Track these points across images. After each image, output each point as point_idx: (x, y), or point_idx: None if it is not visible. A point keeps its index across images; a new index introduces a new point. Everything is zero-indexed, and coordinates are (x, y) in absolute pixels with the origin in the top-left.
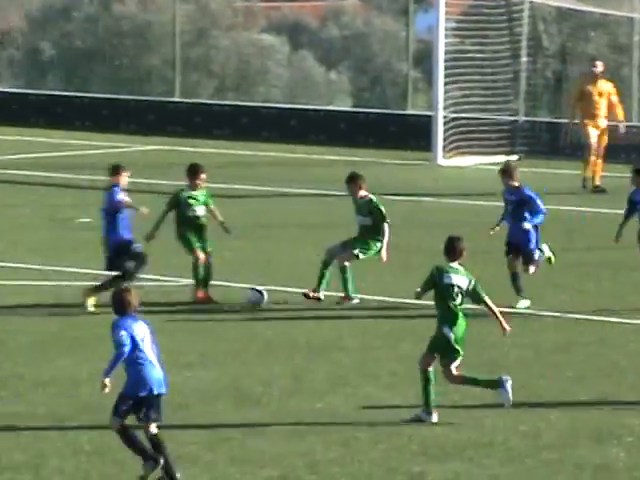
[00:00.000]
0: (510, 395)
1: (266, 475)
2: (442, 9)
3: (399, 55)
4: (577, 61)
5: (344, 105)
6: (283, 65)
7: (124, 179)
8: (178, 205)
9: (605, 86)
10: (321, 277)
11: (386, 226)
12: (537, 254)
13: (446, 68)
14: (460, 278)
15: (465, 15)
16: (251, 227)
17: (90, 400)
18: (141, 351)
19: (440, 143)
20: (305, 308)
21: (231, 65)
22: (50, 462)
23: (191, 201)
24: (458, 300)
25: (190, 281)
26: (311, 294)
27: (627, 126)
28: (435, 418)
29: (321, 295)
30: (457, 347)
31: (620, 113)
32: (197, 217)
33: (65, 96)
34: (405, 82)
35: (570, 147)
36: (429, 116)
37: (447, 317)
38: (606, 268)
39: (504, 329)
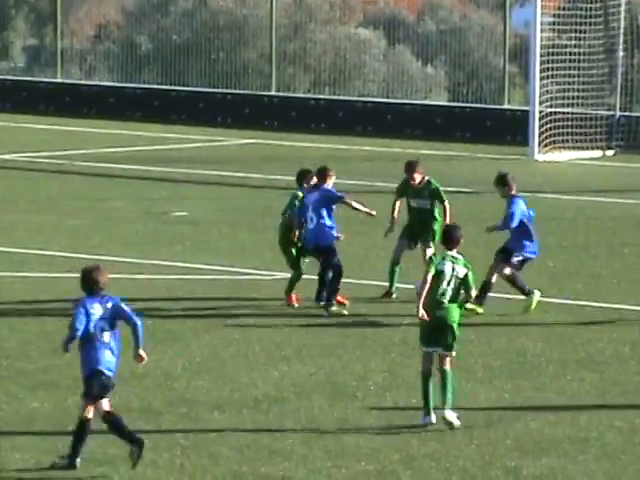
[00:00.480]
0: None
1: (362, 469)
2: (539, 3)
3: (496, 50)
4: None
5: (440, 100)
6: (379, 60)
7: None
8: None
9: None
10: (392, 275)
11: (447, 205)
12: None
13: (542, 63)
14: (458, 267)
15: (561, 9)
16: (347, 221)
17: (184, 393)
18: (95, 332)
19: (536, 138)
20: (402, 302)
21: (327, 59)
22: (145, 455)
23: None
24: (448, 287)
25: (283, 274)
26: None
27: None
28: (434, 419)
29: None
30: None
31: None
32: None
33: (161, 90)
34: (502, 77)
35: None
36: (525, 111)
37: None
38: None
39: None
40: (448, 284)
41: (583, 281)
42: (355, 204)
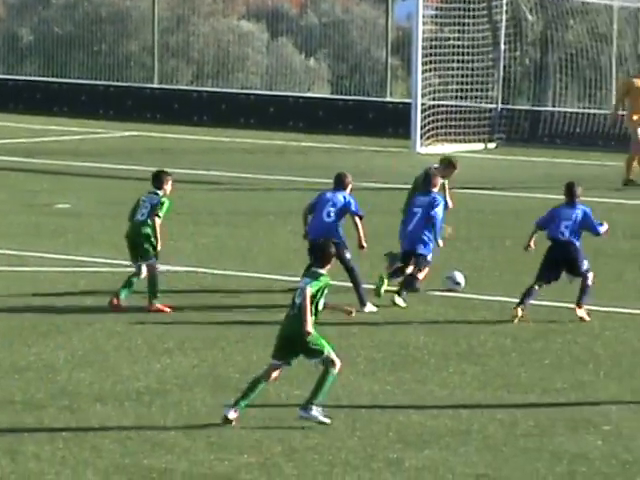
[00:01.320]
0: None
1: (244, 462)
2: None
3: (378, 43)
4: (556, 49)
5: (323, 92)
6: (262, 52)
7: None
8: None
9: None
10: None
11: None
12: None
13: (425, 56)
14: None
15: (444, 2)
16: (228, 214)
17: (66, 386)
18: None
19: (418, 131)
20: (284, 294)
21: (210, 52)
22: (27, 448)
23: None
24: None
25: (171, 267)
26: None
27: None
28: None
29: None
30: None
31: None
32: None
33: (43, 82)
34: (384, 69)
35: (548, 136)
36: (407, 103)
37: None
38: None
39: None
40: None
41: (465, 273)
42: (360, 227)
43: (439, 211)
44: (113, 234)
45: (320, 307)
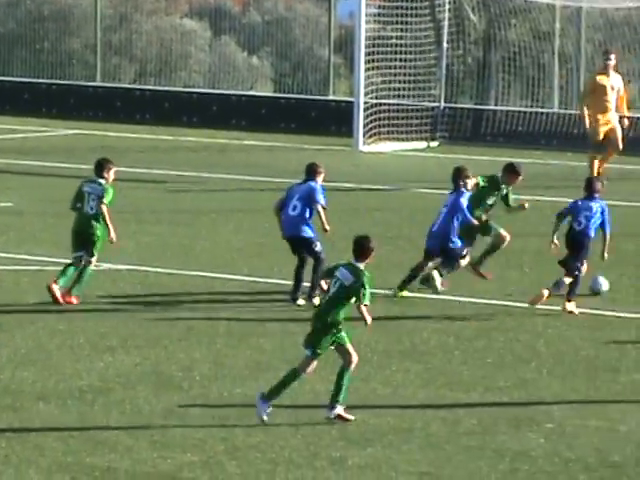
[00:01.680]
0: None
1: (187, 460)
2: None
3: (321, 41)
4: (499, 48)
5: (265, 90)
6: (205, 50)
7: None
8: None
9: (617, 79)
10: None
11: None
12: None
13: (367, 54)
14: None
15: (386, 1)
16: (171, 212)
17: (9, 384)
18: None
19: (361, 129)
20: (227, 293)
21: (152, 50)
22: None
23: None
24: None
25: (113, 266)
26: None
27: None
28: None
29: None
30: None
31: (625, 107)
32: None
33: None
34: (327, 68)
35: (491, 134)
36: (350, 102)
37: None
38: (527, 255)
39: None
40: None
41: (406, 272)
42: (322, 214)
43: (463, 201)
44: (55, 232)
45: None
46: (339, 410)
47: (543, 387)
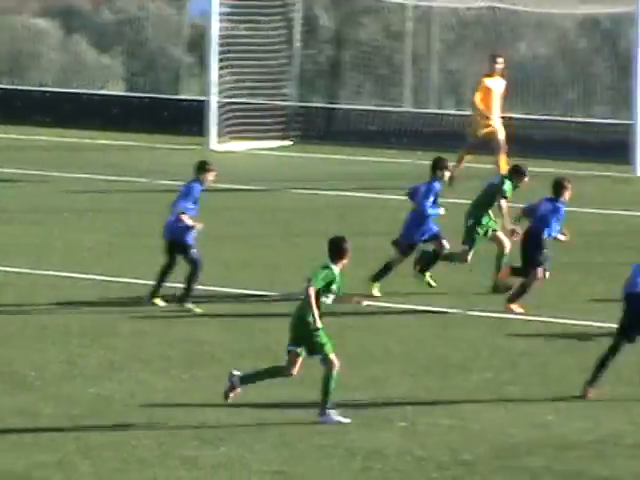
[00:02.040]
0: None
1: (41, 460)
2: None
3: (173, 40)
4: (350, 47)
5: (117, 89)
6: (56, 49)
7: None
8: None
9: (501, 83)
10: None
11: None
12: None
13: (219, 53)
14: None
15: (239, 0)
16: (23, 212)
17: None
18: None
19: (213, 128)
20: (79, 292)
21: (4, 49)
22: None
23: None
24: None
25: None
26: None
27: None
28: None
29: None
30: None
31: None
32: None
33: None
34: (178, 67)
35: (343, 133)
36: (202, 101)
37: None
38: (374, 253)
39: None
40: None
41: (259, 271)
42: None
43: (429, 189)
44: None
45: (329, 301)
46: (334, 416)
47: (395, 385)
